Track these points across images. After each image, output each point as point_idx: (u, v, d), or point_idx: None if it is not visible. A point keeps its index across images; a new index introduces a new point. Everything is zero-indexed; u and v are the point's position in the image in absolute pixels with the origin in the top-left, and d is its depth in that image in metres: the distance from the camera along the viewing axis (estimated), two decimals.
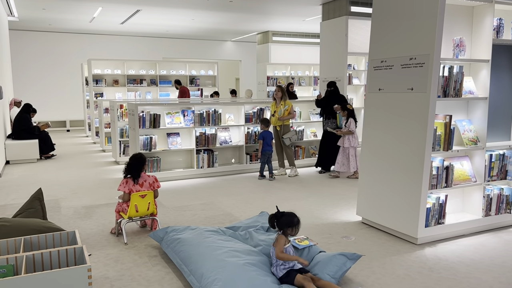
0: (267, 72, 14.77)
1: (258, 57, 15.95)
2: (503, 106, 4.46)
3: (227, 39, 17.97)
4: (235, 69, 19.59)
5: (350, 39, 10.09)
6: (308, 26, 14.22)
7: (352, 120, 6.88)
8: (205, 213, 5.04)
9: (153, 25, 14.05)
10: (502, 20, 4.15)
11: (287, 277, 3.01)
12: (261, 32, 15.64)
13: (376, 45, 4.36)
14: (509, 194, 4.30)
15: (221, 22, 13.62)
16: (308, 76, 15.21)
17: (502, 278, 3.24)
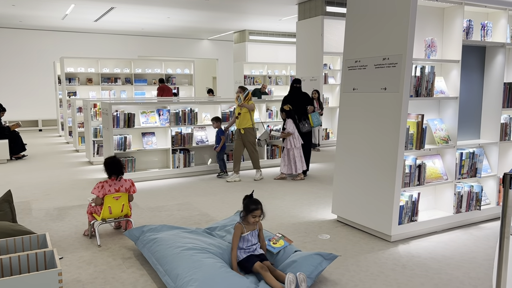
0: (244, 71, 14.77)
1: (235, 56, 15.93)
2: (472, 106, 4.58)
3: (203, 38, 17.87)
4: (212, 68, 19.50)
5: (326, 38, 10.19)
6: (284, 25, 14.29)
7: (290, 121, 6.71)
8: (181, 214, 5.00)
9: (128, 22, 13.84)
10: (472, 22, 4.26)
11: (247, 262, 3.14)
12: (238, 31, 15.62)
13: (350, 45, 4.41)
14: (478, 192, 4.42)
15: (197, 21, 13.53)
16: (284, 75, 15.28)
17: (472, 274, 3.33)
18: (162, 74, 12.52)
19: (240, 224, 3.22)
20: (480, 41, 4.34)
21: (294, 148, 6.68)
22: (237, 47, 15.75)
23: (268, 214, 4.92)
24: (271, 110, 7.95)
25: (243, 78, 14.71)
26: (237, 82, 15.18)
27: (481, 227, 4.42)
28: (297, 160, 6.71)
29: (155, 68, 12.49)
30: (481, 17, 4.48)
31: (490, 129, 4.57)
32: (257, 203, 3.21)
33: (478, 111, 4.63)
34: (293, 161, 6.72)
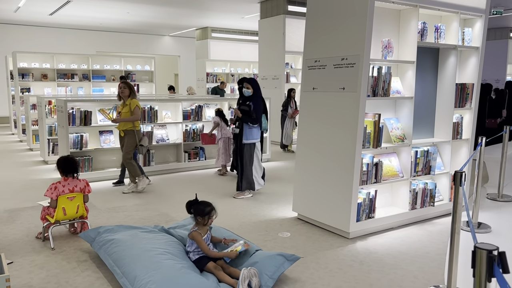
0: (207, 68, 14.65)
1: (197, 53, 15.77)
2: (427, 105, 4.74)
3: (165, 34, 17.58)
4: (173, 65, 19.22)
5: (288, 38, 10.26)
6: (247, 23, 14.28)
7: (216, 116, 7.03)
8: (140, 214, 4.89)
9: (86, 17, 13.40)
10: (426, 24, 4.40)
11: (198, 262, 3.15)
12: (200, 28, 15.47)
13: (310, 45, 4.45)
14: (432, 188, 4.59)
15: (158, 17, 13.28)
16: (247, 73, 15.27)
17: (425, 268, 3.44)
18: (122, 71, 12.21)
19: (196, 232, 3.21)
20: (434, 43, 4.50)
21: (221, 140, 6.95)
22: (199, 44, 15.59)
23: (229, 213, 4.90)
24: (234, 108, 7.91)
25: (205, 76, 14.59)
26: (200, 80, 15.04)
27: (435, 222, 4.59)
28: (220, 152, 6.94)
29: (114, 65, 12.16)
30: (435, 20, 4.64)
31: (443, 128, 4.74)
32: (209, 204, 3.24)
33: (432, 111, 4.80)
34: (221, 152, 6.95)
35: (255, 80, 5.76)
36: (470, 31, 4.76)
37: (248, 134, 5.53)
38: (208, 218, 3.19)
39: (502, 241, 3.95)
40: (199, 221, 3.22)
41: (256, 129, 5.57)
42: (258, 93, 5.63)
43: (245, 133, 5.52)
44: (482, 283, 1.27)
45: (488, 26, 4.84)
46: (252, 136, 5.56)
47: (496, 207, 5.01)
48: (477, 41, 4.76)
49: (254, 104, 5.52)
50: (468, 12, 4.60)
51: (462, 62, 4.87)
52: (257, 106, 5.55)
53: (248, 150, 5.56)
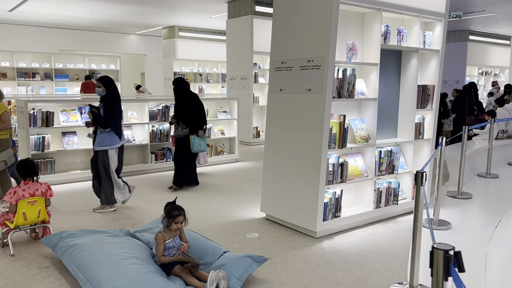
0: (174, 67, 14.50)
1: (164, 52, 15.57)
2: (390, 106, 4.87)
3: (130, 32, 17.25)
4: (140, 64, 18.89)
5: (256, 38, 10.28)
6: (214, 23, 14.21)
7: None
8: (105, 217, 4.78)
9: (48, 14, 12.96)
10: (389, 27, 4.51)
11: (165, 266, 3.12)
12: (167, 27, 15.27)
13: (276, 46, 4.48)
14: (396, 187, 4.71)
15: (123, 15, 13.01)
16: (216, 73, 15.22)
17: (389, 266, 3.53)
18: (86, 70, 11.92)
19: (161, 233, 3.18)
20: (396, 45, 4.62)
21: None
22: (166, 43, 15.40)
23: (198, 215, 4.87)
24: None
25: (172, 75, 14.43)
26: (167, 79, 14.86)
27: (398, 220, 4.72)
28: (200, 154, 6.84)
29: (78, 63, 11.85)
30: (398, 23, 4.77)
31: (406, 128, 4.88)
32: (179, 209, 3.20)
33: (395, 112, 4.93)
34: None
35: (108, 78, 5.07)
36: (431, 34, 4.92)
37: (99, 140, 4.90)
38: (172, 222, 3.15)
39: (462, 237, 4.11)
40: (165, 223, 3.19)
41: (108, 135, 4.88)
42: (114, 93, 4.98)
43: (97, 138, 4.92)
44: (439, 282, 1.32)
45: (448, 29, 5.02)
46: (103, 143, 4.87)
47: (456, 204, 5.20)
48: (437, 44, 4.92)
49: (108, 105, 4.87)
50: (429, 16, 4.75)
51: (424, 64, 5.03)
52: (112, 108, 4.90)
53: (101, 159, 4.92)
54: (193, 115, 6.03)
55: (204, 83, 15.06)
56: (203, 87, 15.01)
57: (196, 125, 6.04)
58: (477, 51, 16.06)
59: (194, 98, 6.13)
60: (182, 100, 6.03)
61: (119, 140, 5.01)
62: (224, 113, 8.26)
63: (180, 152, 6.07)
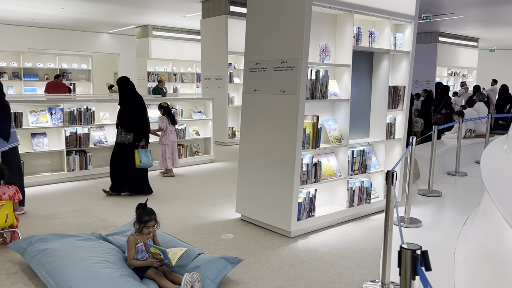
0: (148, 67, 14.34)
1: (137, 51, 15.36)
2: (362, 107, 4.95)
3: (103, 31, 16.94)
4: (112, 63, 18.57)
5: (230, 38, 10.27)
6: (189, 22, 14.12)
7: (164, 117, 6.72)
8: (77, 221, 4.68)
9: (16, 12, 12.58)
10: (361, 29, 4.59)
11: (138, 270, 3.09)
12: (140, 26, 15.07)
13: (251, 47, 4.49)
14: (368, 186, 4.79)
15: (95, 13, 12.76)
16: (190, 72, 15.13)
17: (362, 264, 3.59)
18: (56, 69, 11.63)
19: (133, 236, 3.14)
20: (368, 47, 4.70)
21: (165, 145, 6.78)
22: (139, 42, 15.19)
23: (171, 217, 4.83)
24: (176, 109, 7.80)
25: (146, 75, 14.26)
26: (140, 79, 14.67)
27: (371, 219, 4.80)
28: (167, 156, 6.81)
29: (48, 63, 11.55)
30: (369, 25, 4.85)
31: (377, 128, 4.97)
32: (150, 213, 3.16)
33: (367, 112, 5.01)
34: (164, 157, 6.83)
35: None
36: (401, 36, 5.03)
37: None
38: (144, 227, 3.12)
39: (432, 234, 4.22)
40: (136, 228, 3.16)
41: None
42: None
43: None
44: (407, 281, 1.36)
45: (418, 31, 5.15)
46: None
47: (427, 202, 5.33)
48: (407, 45, 5.03)
49: None
50: (399, 18, 4.85)
51: (395, 65, 5.13)
52: None
53: None
54: (136, 120, 5.57)
55: (179, 83, 14.93)
56: (178, 87, 14.88)
57: (141, 132, 5.60)
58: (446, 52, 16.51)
59: (138, 102, 5.65)
60: (126, 102, 5.60)
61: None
62: (199, 113, 8.21)
63: (116, 158, 5.66)
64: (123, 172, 5.65)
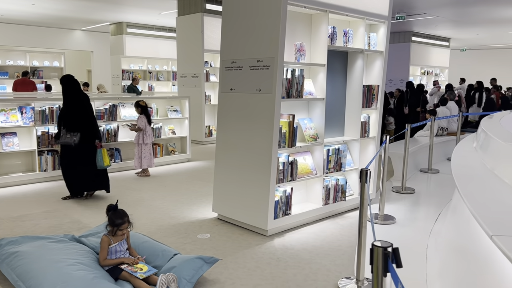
0: (122, 65, 14.12)
1: (112, 48, 15.10)
2: (337, 106, 5.01)
3: (76, 28, 16.57)
4: (86, 61, 18.20)
5: (206, 36, 10.21)
6: (164, 19, 13.96)
7: (142, 116, 6.67)
8: (49, 222, 4.58)
9: None
10: (335, 29, 4.64)
11: (112, 271, 3.04)
12: (115, 23, 14.82)
13: (226, 46, 4.47)
14: (343, 184, 4.86)
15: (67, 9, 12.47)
16: (166, 70, 14.97)
17: (337, 261, 3.64)
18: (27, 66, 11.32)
19: (106, 237, 3.09)
20: (343, 46, 4.75)
21: (143, 144, 6.70)
22: (114, 40, 14.93)
23: (147, 216, 4.77)
24: (151, 108, 7.71)
25: (121, 73, 14.04)
26: (115, 77, 14.43)
27: (346, 216, 4.87)
28: (143, 156, 6.71)
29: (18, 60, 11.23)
30: (344, 25, 4.91)
31: (352, 127, 5.04)
32: (123, 216, 3.12)
33: (342, 111, 5.07)
34: (141, 157, 6.73)
35: None
36: (375, 36, 5.10)
37: None
38: (117, 230, 3.08)
39: (405, 231, 4.31)
40: (110, 230, 3.11)
41: None
42: None
43: None
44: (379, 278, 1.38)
45: (392, 30, 5.24)
46: None
47: (400, 199, 5.44)
48: (381, 45, 5.11)
49: None
50: (373, 18, 4.92)
51: (369, 64, 5.21)
52: None
53: None
54: (83, 119, 5.29)
55: (154, 81, 14.76)
56: (153, 85, 14.71)
57: (93, 132, 5.36)
58: (419, 52, 16.86)
59: (84, 101, 5.38)
60: (70, 101, 5.32)
61: None
62: (175, 112, 8.14)
63: (65, 161, 5.39)
64: (76, 174, 5.36)
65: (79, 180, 5.39)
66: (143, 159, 6.74)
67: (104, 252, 3.06)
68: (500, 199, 2.05)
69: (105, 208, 3.26)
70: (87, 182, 5.43)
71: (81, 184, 5.43)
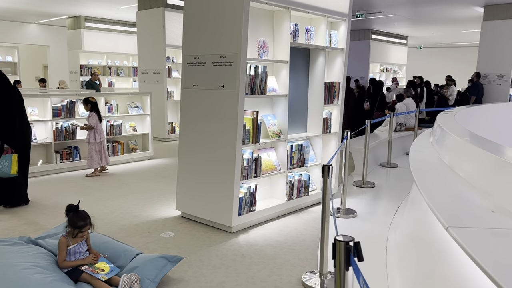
0: (80, 60, 13.67)
1: (69, 43, 14.57)
2: (300, 102, 5.06)
3: (30, 21, 15.87)
4: (42, 56, 17.48)
5: (168, 31, 10.05)
6: (124, 14, 13.61)
7: (93, 114, 6.39)
8: (3, 225, 4.37)
9: None
10: (297, 26, 4.67)
11: (72, 273, 2.95)
12: (72, 17, 14.30)
13: (188, 41, 4.41)
14: (306, 179, 4.92)
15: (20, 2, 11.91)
16: (126, 66, 14.62)
17: (301, 256, 3.69)
18: None
19: (65, 238, 2.99)
20: (305, 43, 4.80)
21: (95, 143, 6.45)
22: (71, 34, 14.41)
23: (108, 216, 4.65)
24: (111, 104, 7.51)
25: (79, 68, 13.59)
26: (73, 72, 13.95)
27: (309, 211, 4.94)
28: (94, 155, 6.47)
29: None
30: (305, 22, 4.95)
31: (314, 123, 5.11)
32: (85, 218, 3.02)
33: (305, 107, 5.13)
34: (90, 156, 6.50)
35: None
36: (336, 33, 5.19)
37: None
38: (78, 232, 2.98)
39: (366, 224, 4.42)
40: (69, 231, 3.01)
41: None
42: None
43: None
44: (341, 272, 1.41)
45: (352, 28, 5.34)
46: None
47: (361, 193, 5.58)
48: (342, 42, 5.20)
49: None
50: (334, 16, 5.00)
51: (330, 62, 5.29)
52: None
53: None
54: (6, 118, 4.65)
55: (114, 77, 14.38)
56: (113, 81, 14.33)
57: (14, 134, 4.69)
58: (378, 49, 17.30)
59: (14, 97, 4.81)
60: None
61: None
62: (136, 109, 7.97)
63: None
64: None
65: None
66: (93, 157, 6.49)
67: (63, 253, 2.96)
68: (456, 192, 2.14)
69: (63, 207, 3.15)
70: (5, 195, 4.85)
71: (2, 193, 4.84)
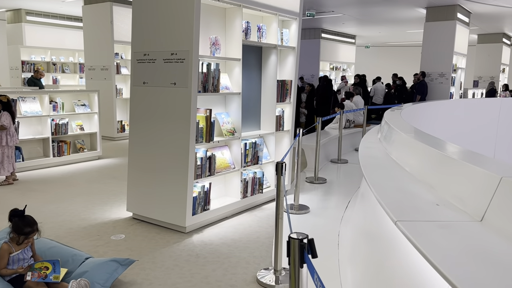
0: (22, 56, 12.94)
1: (8, 38, 13.75)
2: (253, 100, 5.07)
3: None
4: None
5: (116, 26, 9.74)
6: (69, 8, 13.03)
7: (6, 113, 5.66)
8: None
9: None
10: (249, 23, 4.67)
11: (15, 281, 2.80)
12: (11, 10, 13.49)
13: (138, 37, 4.29)
14: (260, 177, 4.95)
15: None
16: (72, 62, 14.02)
17: (256, 253, 3.70)
18: None
19: (7, 244, 2.82)
20: (257, 41, 4.81)
21: (6, 147, 5.71)
22: (11, 28, 13.59)
23: (54, 220, 4.44)
24: (56, 102, 7.17)
25: (20, 64, 12.87)
26: (13, 68, 13.19)
27: (263, 208, 4.97)
28: (5, 160, 5.71)
29: None
30: (257, 20, 4.96)
31: (268, 121, 5.14)
32: (32, 223, 2.84)
33: (258, 105, 5.15)
34: (3, 162, 5.73)
35: None
36: (288, 32, 5.24)
37: None
38: (24, 239, 2.82)
39: (318, 219, 4.51)
40: (13, 237, 2.84)
41: None
42: None
43: None
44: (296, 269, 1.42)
45: (303, 27, 5.41)
46: None
47: (314, 189, 5.69)
48: (293, 41, 5.27)
49: None
50: (285, 15, 5.05)
51: (282, 60, 5.34)
52: None
53: None
54: None
55: (59, 73, 13.74)
56: (58, 78, 13.70)
57: None
58: (328, 48, 17.70)
59: None
60: None
61: None
62: (83, 107, 7.65)
63: None
64: None
65: None
66: (4, 163, 5.71)
67: (4, 261, 2.78)
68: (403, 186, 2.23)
69: (5, 211, 2.96)
70: None
71: None
